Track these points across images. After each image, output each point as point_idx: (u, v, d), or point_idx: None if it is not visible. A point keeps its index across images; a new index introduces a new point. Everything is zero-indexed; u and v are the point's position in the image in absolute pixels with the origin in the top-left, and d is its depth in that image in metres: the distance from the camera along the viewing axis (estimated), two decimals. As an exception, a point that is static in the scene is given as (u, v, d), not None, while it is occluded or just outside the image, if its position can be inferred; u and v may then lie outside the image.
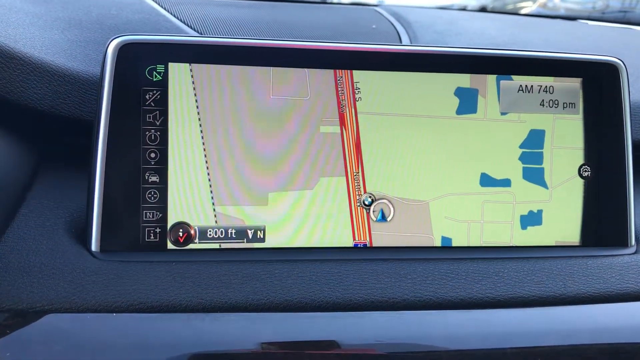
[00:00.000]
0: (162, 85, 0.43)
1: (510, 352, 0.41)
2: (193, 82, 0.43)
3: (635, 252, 0.47)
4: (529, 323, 0.42)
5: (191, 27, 0.59)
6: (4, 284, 0.38)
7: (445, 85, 0.46)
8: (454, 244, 0.46)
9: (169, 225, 0.43)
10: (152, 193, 0.42)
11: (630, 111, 0.48)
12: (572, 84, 0.48)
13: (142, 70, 0.42)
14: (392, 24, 0.67)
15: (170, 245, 0.43)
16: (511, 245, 0.47)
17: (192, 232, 0.43)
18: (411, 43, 0.62)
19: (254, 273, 0.41)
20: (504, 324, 0.41)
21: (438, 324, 0.41)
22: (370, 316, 0.40)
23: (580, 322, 0.42)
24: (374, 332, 0.40)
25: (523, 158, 0.47)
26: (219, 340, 0.38)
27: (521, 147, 0.47)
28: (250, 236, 0.44)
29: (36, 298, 0.38)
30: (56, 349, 0.36)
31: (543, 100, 0.47)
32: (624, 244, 0.48)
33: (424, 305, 0.41)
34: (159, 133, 0.43)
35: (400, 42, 0.62)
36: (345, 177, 0.45)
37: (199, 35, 0.57)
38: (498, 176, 0.47)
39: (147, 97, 0.42)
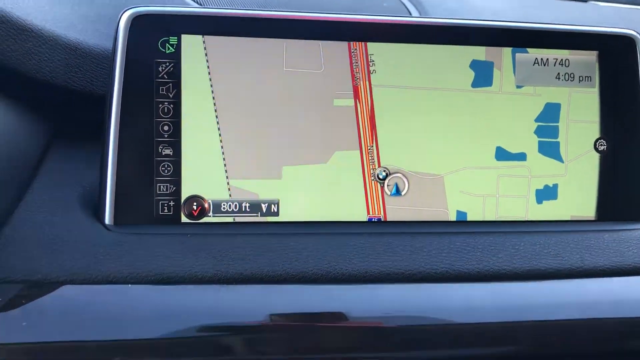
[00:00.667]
0: (175, 58, 0.42)
1: (527, 324, 0.40)
2: (206, 54, 0.43)
3: (652, 227, 0.47)
4: (547, 296, 0.41)
5: (200, 4, 0.58)
6: (19, 256, 0.38)
7: (460, 58, 0.45)
8: (469, 219, 0.46)
9: (183, 198, 0.42)
10: (166, 166, 0.42)
11: (646, 85, 0.48)
12: (588, 57, 0.47)
13: (155, 42, 0.42)
14: (402, 2, 0.66)
15: (184, 219, 0.42)
16: (527, 219, 0.46)
17: (206, 205, 0.43)
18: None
19: (269, 245, 0.41)
20: (522, 296, 0.41)
21: (455, 297, 0.41)
22: (386, 288, 0.40)
23: (598, 294, 0.42)
24: (390, 304, 0.40)
25: (538, 132, 0.46)
26: (234, 311, 0.38)
27: (537, 120, 0.46)
28: (264, 210, 0.43)
29: (51, 269, 0.38)
30: (72, 319, 0.36)
31: (559, 73, 0.47)
32: (640, 218, 0.47)
33: (440, 278, 0.41)
34: (172, 106, 0.42)
35: (412, 19, 0.61)
36: (359, 151, 0.44)
37: (211, 6, 0.57)
38: (513, 150, 0.46)
39: (159, 69, 0.42)
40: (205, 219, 0.43)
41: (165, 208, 0.42)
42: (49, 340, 0.36)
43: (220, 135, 0.43)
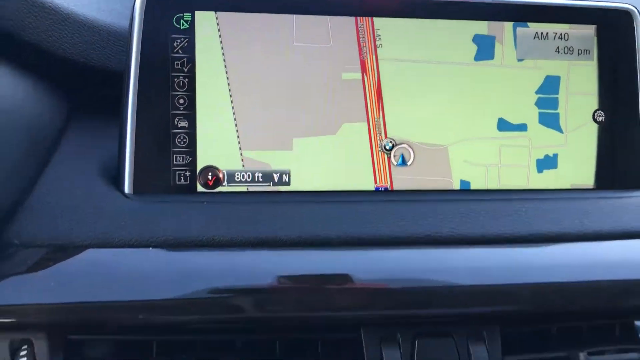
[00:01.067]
0: (189, 33, 0.44)
1: (529, 286, 0.42)
2: (219, 30, 0.44)
3: (649, 194, 0.49)
4: (547, 258, 0.43)
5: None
6: (44, 222, 0.40)
7: (463, 32, 0.47)
8: (472, 187, 0.47)
9: (199, 168, 0.44)
10: (182, 138, 0.44)
11: (643, 57, 0.49)
12: (587, 31, 0.49)
13: (170, 18, 0.44)
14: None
15: (199, 188, 0.44)
16: (528, 188, 0.48)
17: (221, 175, 0.45)
18: None
19: (281, 212, 0.43)
20: (523, 259, 0.43)
21: (459, 259, 0.42)
22: (393, 252, 0.42)
23: (597, 257, 0.44)
24: (397, 266, 0.42)
25: (539, 103, 0.48)
26: (249, 273, 0.40)
27: (537, 92, 0.48)
28: (276, 180, 0.45)
29: (75, 234, 0.40)
30: (97, 280, 0.38)
31: (558, 47, 0.49)
32: (637, 186, 0.49)
33: (445, 241, 0.43)
34: (187, 80, 0.44)
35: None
36: (366, 123, 0.46)
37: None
38: (515, 121, 0.48)
39: (175, 44, 0.44)
40: (220, 189, 0.45)
41: (182, 178, 0.44)
42: (76, 300, 0.38)
43: (233, 107, 0.45)
